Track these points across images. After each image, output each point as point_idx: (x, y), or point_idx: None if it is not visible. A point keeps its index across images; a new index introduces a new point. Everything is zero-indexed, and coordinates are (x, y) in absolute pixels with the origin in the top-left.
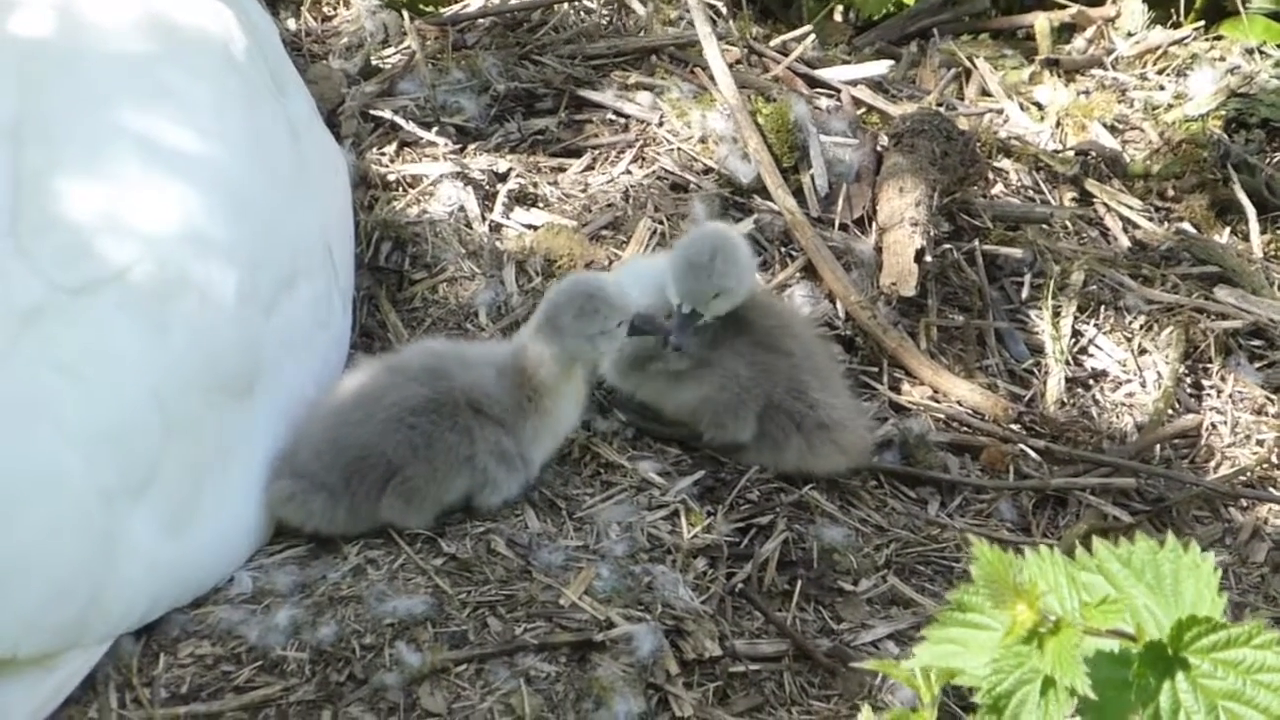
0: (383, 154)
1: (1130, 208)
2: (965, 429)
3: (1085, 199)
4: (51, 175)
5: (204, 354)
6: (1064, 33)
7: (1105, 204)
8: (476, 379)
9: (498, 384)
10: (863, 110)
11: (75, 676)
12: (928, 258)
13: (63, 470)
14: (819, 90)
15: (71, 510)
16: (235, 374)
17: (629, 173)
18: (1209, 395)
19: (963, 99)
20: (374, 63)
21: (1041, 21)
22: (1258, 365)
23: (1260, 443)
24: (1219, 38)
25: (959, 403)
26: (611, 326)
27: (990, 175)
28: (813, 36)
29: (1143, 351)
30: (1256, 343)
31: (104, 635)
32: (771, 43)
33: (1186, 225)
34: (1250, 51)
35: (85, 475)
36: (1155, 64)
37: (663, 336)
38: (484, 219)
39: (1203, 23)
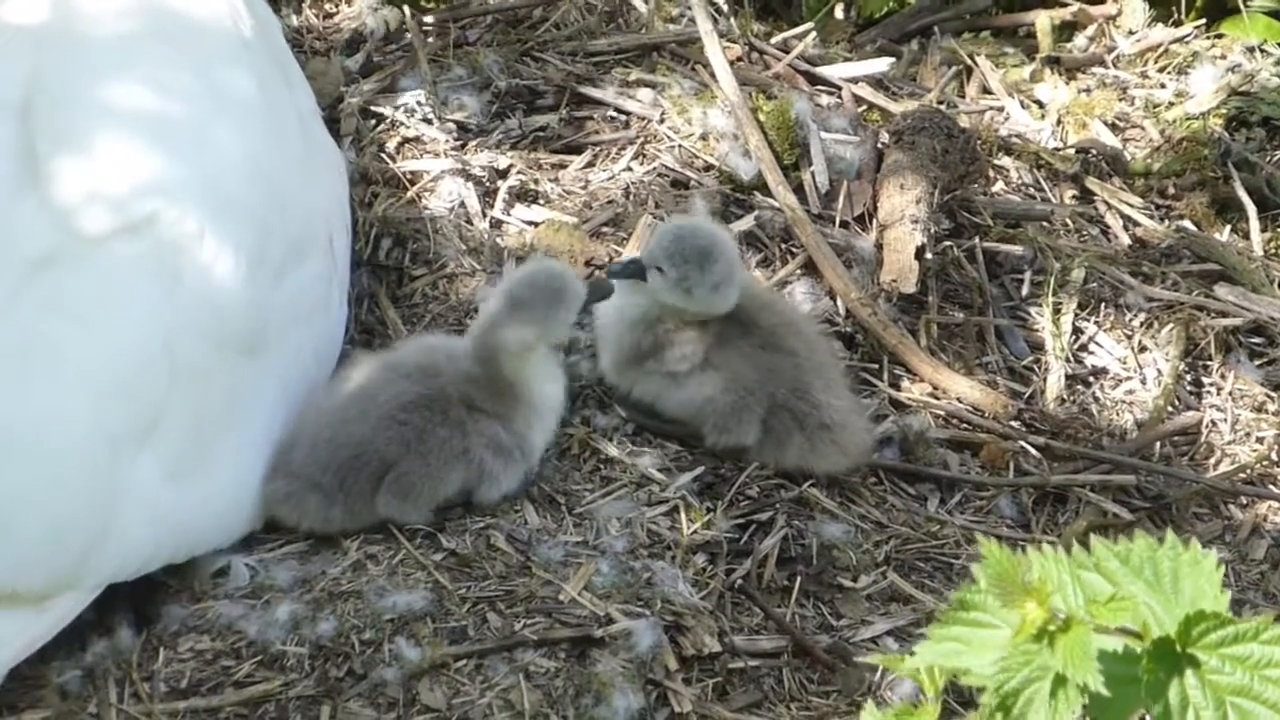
0: (383, 150)
1: (1131, 205)
2: (965, 426)
3: (1086, 197)
4: (69, 137)
5: (214, 307)
6: (1065, 31)
7: (1106, 202)
8: (466, 373)
9: (478, 385)
10: (864, 108)
11: (66, 617)
12: (928, 255)
13: (67, 413)
14: (820, 87)
15: (74, 452)
16: (243, 331)
17: (630, 169)
18: (1209, 392)
19: (964, 96)
20: (375, 59)
21: (1043, 19)
22: (1258, 363)
23: (1260, 440)
24: (1220, 36)
25: (959, 399)
26: (576, 310)
27: (991, 173)
28: (814, 34)
29: (1143, 349)
30: (1256, 340)
31: (104, 578)
32: (772, 40)
33: (1187, 223)
34: (1251, 50)
35: (89, 419)
36: (1156, 62)
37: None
38: (485, 215)
39: (1204, 21)
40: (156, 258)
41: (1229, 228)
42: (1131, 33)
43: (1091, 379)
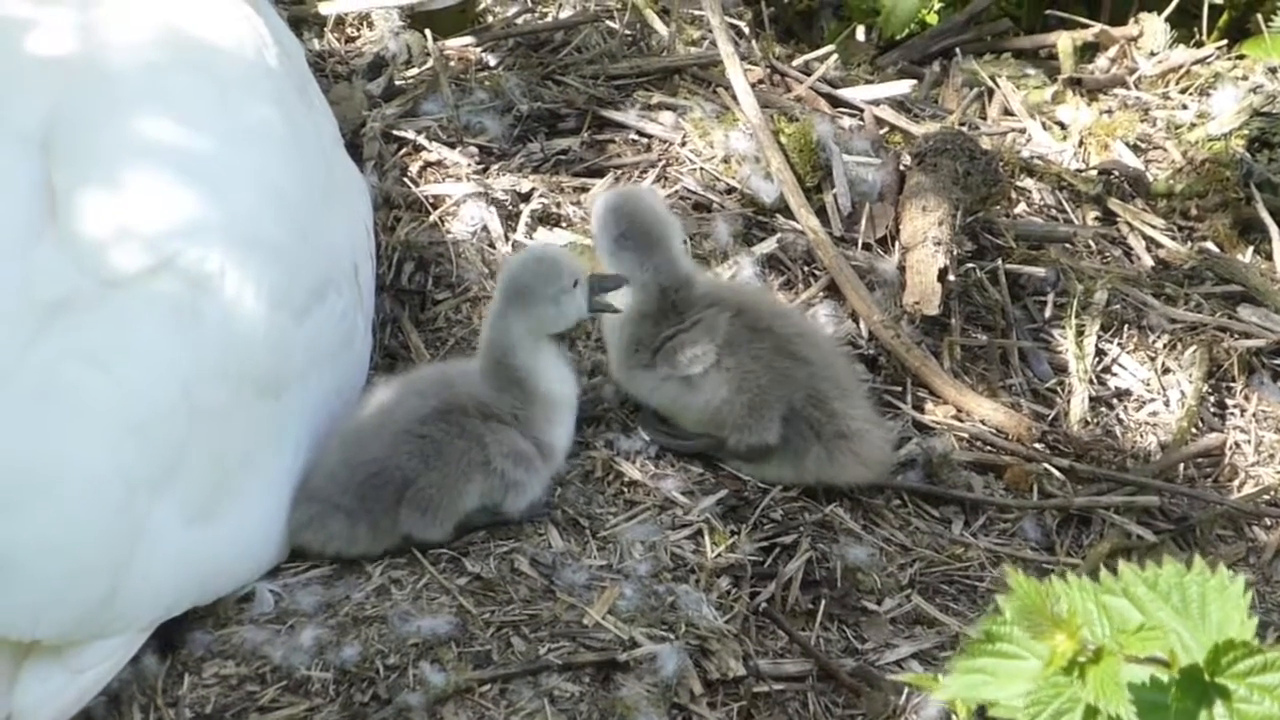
0: (406, 175)
1: (1153, 227)
2: (989, 448)
3: (1108, 218)
4: (90, 174)
5: (235, 349)
6: (1087, 52)
7: (1128, 223)
8: (479, 386)
9: (491, 385)
10: (885, 130)
11: (100, 681)
12: (951, 277)
13: (85, 457)
14: (842, 110)
15: (93, 496)
16: (264, 372)
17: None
18: (1232, 414)
19: (985, 118)
20: (397, 83)
21: (1064, 41)
22: None
23: None
24: (1241, 57)
25: (982, 422)
26: (569, 284)
27: (1013, 194)
28: (835, 56)
29: (1166, 370)
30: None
31: (127, 625)
32: (794, 62)
33: (1209, 244)
34: (1273, 70)
35: (108, 463)
36: (1178, 83)
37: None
38: (507, 239)
39: (1225, 42)
40: (177, 299)
41: (1251, 249)
42: (1153, 54)
43: (1115, 401)
